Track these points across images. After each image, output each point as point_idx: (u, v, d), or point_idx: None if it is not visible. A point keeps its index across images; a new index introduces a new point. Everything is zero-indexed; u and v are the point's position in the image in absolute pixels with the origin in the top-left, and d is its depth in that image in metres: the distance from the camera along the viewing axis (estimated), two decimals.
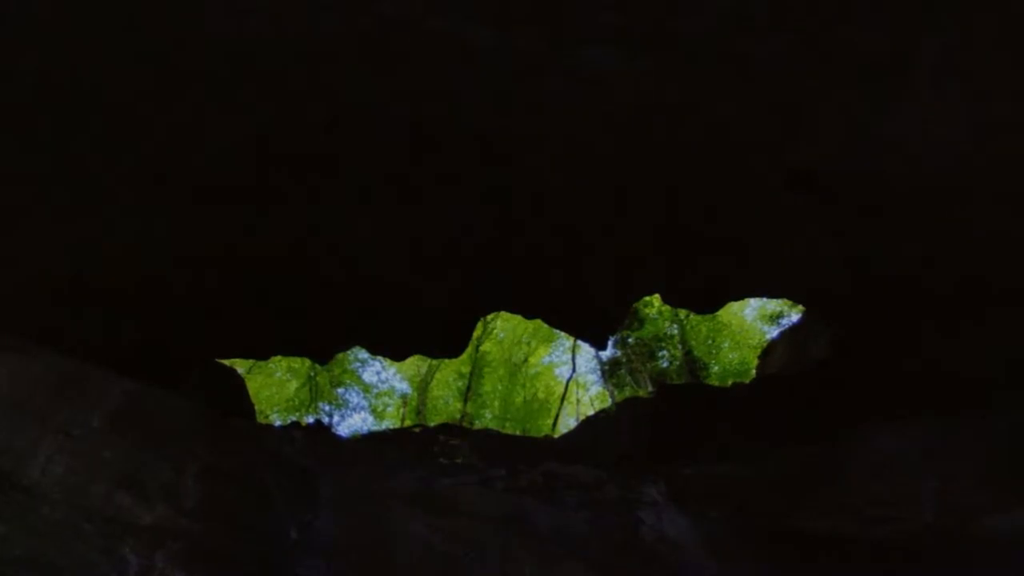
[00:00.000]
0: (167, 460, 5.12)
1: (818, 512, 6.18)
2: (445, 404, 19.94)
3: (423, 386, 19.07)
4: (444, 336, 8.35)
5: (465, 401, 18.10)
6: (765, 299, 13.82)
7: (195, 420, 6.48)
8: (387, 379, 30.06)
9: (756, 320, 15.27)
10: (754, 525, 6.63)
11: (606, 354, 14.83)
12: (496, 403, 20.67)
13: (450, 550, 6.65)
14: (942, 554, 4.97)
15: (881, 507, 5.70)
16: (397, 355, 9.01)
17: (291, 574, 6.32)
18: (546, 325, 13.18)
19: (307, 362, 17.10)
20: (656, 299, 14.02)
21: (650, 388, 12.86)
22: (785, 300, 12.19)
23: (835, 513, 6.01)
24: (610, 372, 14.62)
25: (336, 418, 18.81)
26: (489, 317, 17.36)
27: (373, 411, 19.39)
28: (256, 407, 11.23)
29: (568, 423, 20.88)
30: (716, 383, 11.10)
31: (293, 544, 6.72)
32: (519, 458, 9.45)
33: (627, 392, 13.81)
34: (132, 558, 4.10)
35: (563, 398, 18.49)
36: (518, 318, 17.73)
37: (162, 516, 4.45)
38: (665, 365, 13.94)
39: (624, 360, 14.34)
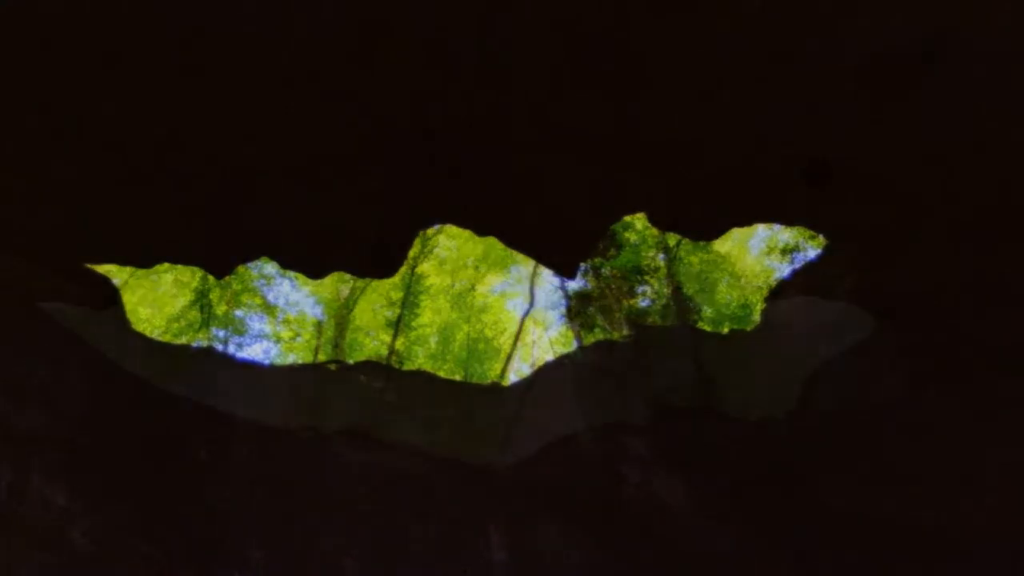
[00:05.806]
0: (47, 358, 5.19)
1: (839, 487, 5.88)
2: (369, 338, 19.21)
3: (343, 314, 18.20)
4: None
5: (395, 335, 17.37)
6: (777, 227, 13.41)
7: (83, 315, 5.93)
8: (298, 302, 28.93)
9: (763, 255, 14.79)
10: (760, 495, 6.35)
11: (573, 286, 14.26)
12: (433, 340, 20.10)
13: (397, 495, 6.19)
14: (1002, 554, 4.71)
15: (921, 488, 5.42)
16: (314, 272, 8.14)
17: (199, 496, 5.82)
18: (500, 246, 12.46)
19: (199, 274, 16.06)
20: (639, 220, 13.40)
21: (626, 331, 12.42)
22: (803, 230, 11.77)
23: (862, 489, 5.71)
24: (577, 309, 14.08)
25: (232, 347, 17.87)
26: (430, 232, 16.46)
27: (278, 340, 18.50)
28: (134, 326, 10.33)
29: (521, 370, 20.59)
30: (709, 329, 10.72)
31: (202, 467, 6.23)
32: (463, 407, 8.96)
33: (597, 335, 13.40)
34: (6, 470, 4.35)
35: (517, 338, 18.04)
36: (466, 234, 16.94)
37: (40, 422, 4.64)
38: (646, 304, 13.48)
39: (596, 295, 13.80)
